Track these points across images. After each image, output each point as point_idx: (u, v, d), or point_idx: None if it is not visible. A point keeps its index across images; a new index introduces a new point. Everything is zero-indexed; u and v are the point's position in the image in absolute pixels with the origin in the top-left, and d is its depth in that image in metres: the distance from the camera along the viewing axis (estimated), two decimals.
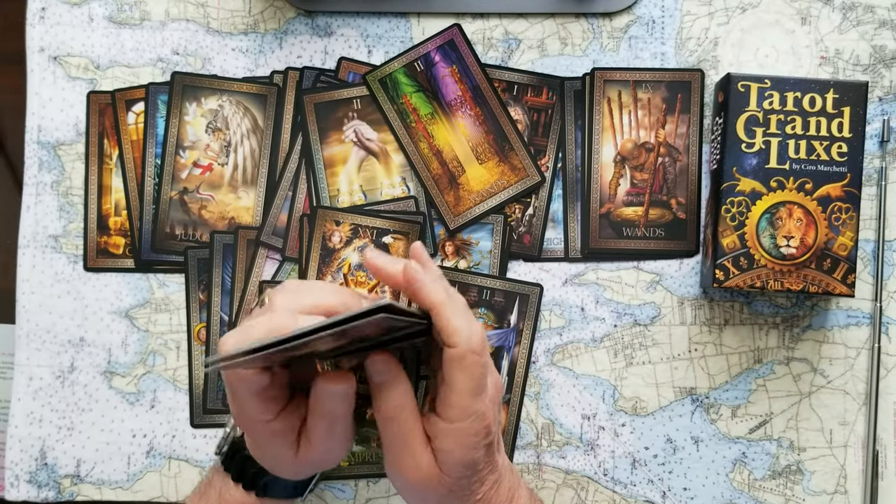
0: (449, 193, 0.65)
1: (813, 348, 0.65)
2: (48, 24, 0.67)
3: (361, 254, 0.63)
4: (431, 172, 0.65)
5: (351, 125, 0.66)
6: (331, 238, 0.64)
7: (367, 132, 0.65)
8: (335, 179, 0.65)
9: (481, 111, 0.65)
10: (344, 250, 0.64)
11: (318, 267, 0.63)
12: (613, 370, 0.65)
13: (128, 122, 0.67)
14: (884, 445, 0.64)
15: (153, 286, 0.66)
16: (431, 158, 0.65)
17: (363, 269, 0.63)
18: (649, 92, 0.65)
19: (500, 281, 0.65)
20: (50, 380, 0.66)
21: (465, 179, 0.65)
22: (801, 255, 0.60)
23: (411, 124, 0.65)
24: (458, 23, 0.65)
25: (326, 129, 0.65)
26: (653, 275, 0.66)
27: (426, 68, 0.66)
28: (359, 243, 0.64)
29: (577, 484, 0.65)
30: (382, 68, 0.65)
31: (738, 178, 0.61)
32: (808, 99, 0.61)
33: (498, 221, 0.65)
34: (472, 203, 0.65)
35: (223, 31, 0.67)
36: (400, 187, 0.65)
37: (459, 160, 0.65)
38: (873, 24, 0.65)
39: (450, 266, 0.65)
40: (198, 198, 0.66)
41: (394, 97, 0.65)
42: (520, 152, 0.65)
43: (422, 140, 0.65)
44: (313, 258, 0.63)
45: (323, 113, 0.65)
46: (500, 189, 0.65)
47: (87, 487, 0.66)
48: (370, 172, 0.65)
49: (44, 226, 0.66)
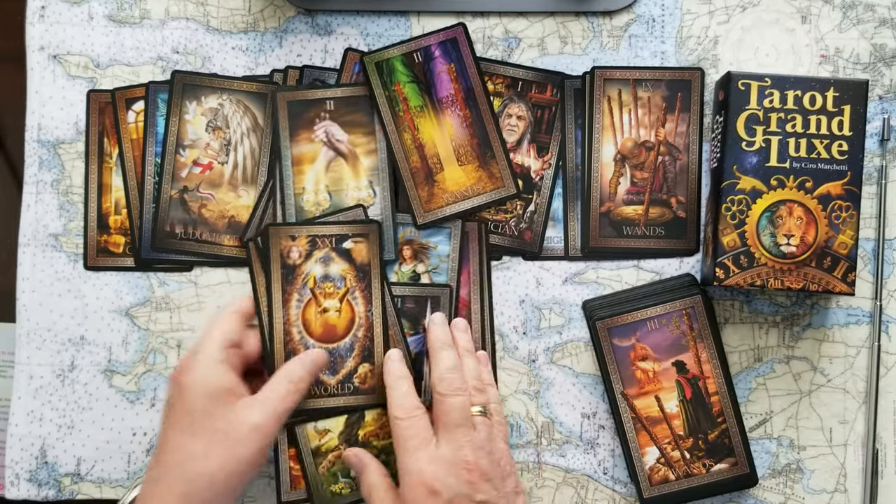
0: (423, 188, 0.65)
1: (813, 347, 0.65)
2: (48, 22, 0.67)
3: (325, 264, 0.63)
4: (410, 164, 0.65)
5: (322, 125, 0.65)
6: (289, 254, 0.62)
7: (338, 133, 0.65)
8: (301, 178, 0.65)
9: (471, 114, 0.65)
10: (305, 264, 0.62)
11: (283, 287, 0.62)
12: None
13: (128, 121, 0.67)
14: (884, 444, 0.64)
15: (153, 285, 0.66)
16: (412, 151, 0.65)
17: (329, 279, 0.62)
18: (649, 90, 0.65)
19: (409, 287, 0.64)
20: (50, 378, 0.66)
21: (442, 178, 0.65)
22: (802, 254, 0.60)
23: (399, 113, 0.65)
24: (464, 22, 0.65)
25: (297, 128, 0.65)
26: (653, 273, 0.66)
27: (424, 61, 0.65)
28: (319, 254, 0.62)
29: (577, 483, 0.65)
30: (381, 52, 0.65)
31: (739, 177, 0.61)
32: (808, 97, 0.61)
33: (456, 226, 0.65)
34: (444, 203, 0.65)
35: (223, 30, 0.67)
36: (366, 190, 0.65)
37: (440, 157, 0.65)
38: (873, 23, 0.65)
39: (407, 269, 0.65)
40: (198, 196, 0.66)
41: (387, 83, 0.65)
42: (500, 162, 0.65)
43: (406, 130, 0.65)
44: (275, 279, 0.62)
45: (295, 111, 0.65)
46: (473, 194, 0.65)
47: (87, 486, 0.66)
48: (337, 173, 0.65)
49: (44, 224, 0.66)
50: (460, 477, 0.55)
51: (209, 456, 0.54)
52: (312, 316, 0.62)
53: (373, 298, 0.63)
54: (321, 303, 0.62)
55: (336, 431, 0.63)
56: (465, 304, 0.64)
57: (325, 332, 0.62)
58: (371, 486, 0.59)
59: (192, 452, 0.54)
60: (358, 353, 0.62)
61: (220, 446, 0.54)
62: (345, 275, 0.63)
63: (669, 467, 0.63)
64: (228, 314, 0.60)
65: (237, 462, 0.54)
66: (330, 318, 0.62)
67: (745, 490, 0.64)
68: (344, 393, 0.62)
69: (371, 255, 0.63)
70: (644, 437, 0.63)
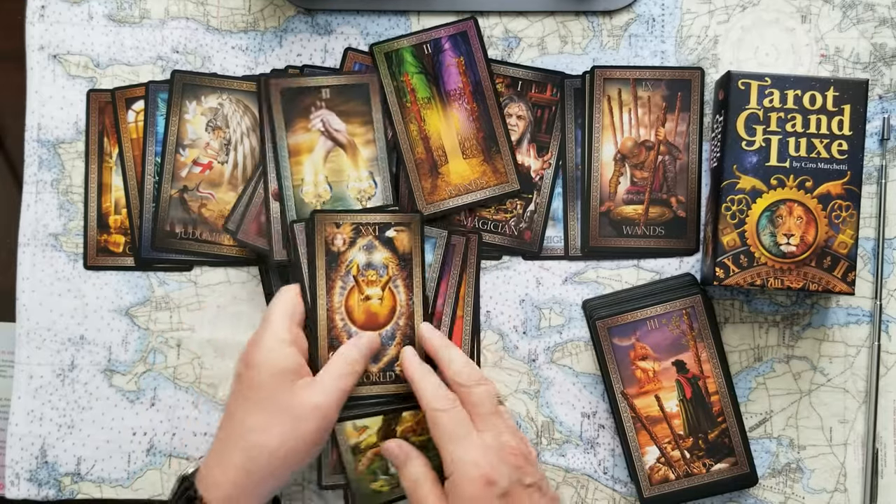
0: (427, 180, 0.65)
1: (813, 346, 0.65)
2: (48, 22, 0.67)
3: (368, 252, 0.63)
4: (415, 156, 0.65)
5: (318, 114, 0.65)
6: (333, 241, 0.63)
7: (335, 122, 0.65)
8: (299, 168, 0.65)
9: (478, 107, 0.65)
10: (349, 252, 0.63)
11: (327, 273, 0.62)
12: None
13: (128, 121, 0.67)
14: (883, 443, 0.64)
15: (153, 284, 0.66)
16: (418, 142, 0.65)
17: (372, 266, 0.63)
18: (649, 90, 0.65)
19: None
20: (50, 378, 0.66)
21: (447, 170, 0.65)
22: (802, 253, 0.60)
23: (406, 104, 0.65)
24: (475, 17, 0.65)
25: (292, 117, 0.65)
26: (653, 273, 0.66)
27: (434, 53, 0.65)
28: (363, 242, 0.63)
29: (577, 482, 0.65)
30: (391, 42, 0.65)
31: (739, 176, 0.61)
32: (808, 97, 0.61)
33: (442, 237, 0.65)
34: (447, 195, 0.65)
35: (223, 30, 0.67)
36: (367, 181, 0.65)
37: (445, 150, 0.65)
38: (873, 23, 0.65)
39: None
40: (198, 196, 0.66)
41: (395, 73, 0.65)
42: (505, 157, 0.65)
43: (413, 121, 0.65)
44: (319, 266, 0.62)
45: (289, 99, 0.65)
46: (477, 188, 0.65)
47: (87, 485, 0.66)
48: (337, 164, 0.65)
49: (44, 224, 0.66)
50: (509, 463, 0.55)
51: (271, 431, 0.56)
52: (355, 303, 0.62)
53: (414, 287, 0.63)
54: (364, 290, 0.62)
55: (374, 428, 0.62)
56: (438, 316, 0.64)
57: (367, 320, 0.62)
58: (415, 478, 0.58)
59: (253, 425, 0.56)
60: (399, 342, 0.62)
61: (282, 422, 0.56)
62: (387, 263, 0.63)
63: (669, 467, 0.63)
64: (292, 292, 0.61)
65: (297, 439, 0.56)
66: (372, 306, 0.63)
67: (745, 490, 0.64)
68: (385, 381, 0.62)
69: (413, 245, 0.63)
70: (644, 436, 0.63)
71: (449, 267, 0.65)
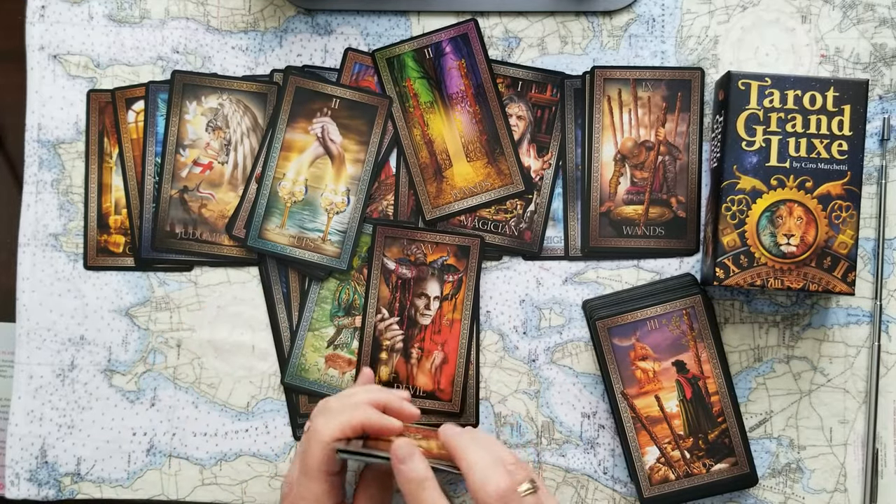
0: (432, 184, 0.65)
1: (813, 347, 0.65)
2: (48, 22, 0.67)
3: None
4: (419, 160, 0.65)
5: (321, 120, 0.65)
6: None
7: (334, 133, 0.65)
8: (286, 163, 0.65)
9: (480, 110, 0.65)
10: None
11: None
12: None
13: (128, 121, 0.67)
14: (883, 444, 0.64)
15: (153, 284, 0.66)
16: (422, 146, 0.65)
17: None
18: (649, 90, 0.65)
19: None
20: (50, 378, 0.66)
21: (451, 174, 0.65)
22: (802, 254, 0.60)
23: (409, 109, 0.65)
24: (475, 18, 0.65)
25: (297, 115, 0.65)
26: (653, 273, 0.66)
27: (435, 57, 0.66)
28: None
29: (577, 482, 0.65)
30: (392, 48, 0.66)
31: (739, 177, 0.61)
32: (808, 97, 0.61)
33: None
34: (453, 199, 0.65)
35: (223, 30, 0.67)
36: (342, 196, 0.65)
37: (449, 153, 0.65)
38: (873, 23, 0.65)
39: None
40: (198, 196, 0.66)
41: (398, 78, 0.65)
42: (509, 158, 0.65)
43: (416, 126, 0.65)
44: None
45: (300, 98, 0.65)
46: (482, 190, 0.65)
47: (87, 485, 0.66)
48: (320, 171, 0.65)
49: (44, 224, 0.66)
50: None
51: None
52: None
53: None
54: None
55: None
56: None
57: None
58: (419, 478, 0.53)
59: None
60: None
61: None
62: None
63: (669, 467, 0.63)
64: (362, 407, 0.57)
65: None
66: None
67: (745, 490, 0.64)
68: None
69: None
70: (644, 436, 0.63)
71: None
